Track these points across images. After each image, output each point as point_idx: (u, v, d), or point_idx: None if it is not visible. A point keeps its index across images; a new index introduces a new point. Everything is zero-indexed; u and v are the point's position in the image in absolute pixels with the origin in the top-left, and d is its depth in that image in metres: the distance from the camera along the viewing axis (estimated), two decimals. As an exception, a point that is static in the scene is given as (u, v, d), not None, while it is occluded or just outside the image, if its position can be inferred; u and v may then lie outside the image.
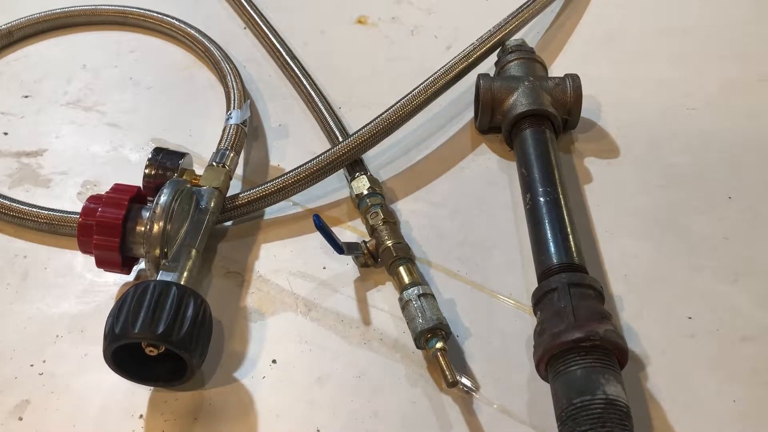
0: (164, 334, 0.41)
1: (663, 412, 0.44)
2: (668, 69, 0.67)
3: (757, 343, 0.46)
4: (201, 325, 0.43)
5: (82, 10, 0.73)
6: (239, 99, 0.61)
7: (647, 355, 0.46)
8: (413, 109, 0.58)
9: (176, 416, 0.45)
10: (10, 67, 0.70)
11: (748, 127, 0.61)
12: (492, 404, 0.44)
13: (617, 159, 0.59)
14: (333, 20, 0.74)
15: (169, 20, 0.71)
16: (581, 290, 0.43)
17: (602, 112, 0.62)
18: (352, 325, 0.49)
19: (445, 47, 0.70)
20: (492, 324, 0.48)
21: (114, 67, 0.70)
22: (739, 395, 0.44)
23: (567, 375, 0.40)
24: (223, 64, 0.66)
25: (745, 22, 0.71)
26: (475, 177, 0.58)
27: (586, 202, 0.55)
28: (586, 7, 0.74)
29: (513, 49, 0.62)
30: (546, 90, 0.57)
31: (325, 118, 0.61)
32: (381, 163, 0.59)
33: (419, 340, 0.45)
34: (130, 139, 0.63)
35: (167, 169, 0.52)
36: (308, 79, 0.65)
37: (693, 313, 0.48)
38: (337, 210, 0.56)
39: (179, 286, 0.44)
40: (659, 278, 0.50)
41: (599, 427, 0.37)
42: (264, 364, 0.47)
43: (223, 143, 0.56)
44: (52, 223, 0.54)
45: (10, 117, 0.65)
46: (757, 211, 0.54)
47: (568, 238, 0.47)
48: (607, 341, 0.40)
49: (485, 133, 0.61)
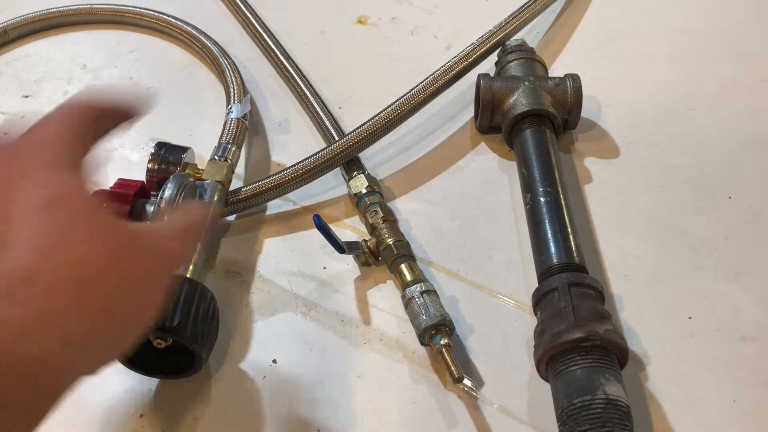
0: (177, 327, 0.41)
1: (663, 412, 0.44)
2: (668, 69, 0.67)
3: (757, 343, 0.46)
4: (211, 320, 0.44)
5: (79, 9, 0.74)
6: (239, 93, 0.61)
7: (647, 355, 0.46)
8: (412, 108, 0.58)
9: (176, 416, 0.45)
10: (9, 67, 0.70)
11: (748, 127, 0.61)
12: (492, 404, 0.44)
13: (617, 159, 0.59)
14: (333, 20, 0.74)
15: (165, 18, 0.71)
16: (581, 290, 0.43)
17: (602, 112, 0.62)
18: (353, 324, 0.49)
19: (445, 47, 0.70)
20: (492, 324, 0.48)
21: (114, 66, 0.70)
22: (739, 395, 0.44)
23: (567, 375, 0.40)
24: (221, 59, 0.66)
25: (745, 22, 0.71)
26: (475, 177, 0.58)
27: (586, 202, 0.55)
28: (586, 7, 0.74)
29: (513, 49, 0.62)
30: (546, 90, 0.57)
31: (321, 118, 0.61)
32: (379, 162, 0.59)
33: (423, 337, 0.45)
34: (130, 139, 0.63)
35: (170, 163, 0.52)
36: (303, 79, 0.65)
37: (693, 313, 0.48)
38: (335, 209, 0.56)
39: (191, 280, 0.44)
40: (659, 278, 0.50)
41: (599, 426, 0.37)
42: (264, 364, 0.47)
43: (224, 137, 0.57)
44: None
45: (10, 117, 0.65)
46: (757, 211, 0.54)
47: (569, 238, 0.47)
48: (607, 341, 0.40)
49: (485, 133, 0.61)
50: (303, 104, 0.64)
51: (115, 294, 0.27)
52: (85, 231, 0.28)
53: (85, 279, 0.26)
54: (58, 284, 0.25)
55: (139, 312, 0.29)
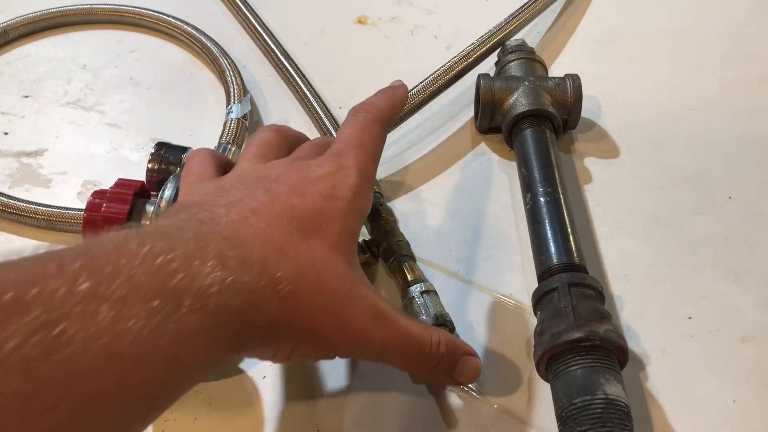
0: None
1: (663, 412, 0.44)
2: (668, 69, 0.67)
3: (757, 343, 0.46)
4: None
5: (79, 9, 0.74)
6: (239, 93, 0.61)
7: (647, 355, 0.46)
8: (412, 108, 0.58)
9: (176, 416, 0.45)
10: (10, 67, 0.70)
11: (748, 127, 0.61)
12: (492, 404, 0.44)
13: (617, 159, 0.59)
14: (333, 20, 0.74)
15: (165, 18, 0.72)
16: (581, 290, 0.43)
17: (602, 112, 0.62)
18: (352, 325, 0.49)
19: (445, 47, 0.70)
20: (492, 324, 0.48)
21: (114, 66, 0.70)
22: (739, 395, 0.44)
23: (567, 375, 0.40)
24: (221, 59, 0.66)
25: (745, 22, 0.71)
26: (475, 177, 0.58)
27: (586, 202, 0.55)
28: (586, 7, 0.74)
29: (513, 49, 0.62)
30: (546, 90, 0.57)
31: (321, 118, 0.61)
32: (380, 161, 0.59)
33: (423, 338, 0.45)
34: (130, 139, 0.63)
35: (170, 163, 0.52)
36: (303, 79, 0.65)
37: (693, 313, 0.48)
38: (336, 210, 0.56)
39: None
40: (659, 278, 0.50)
41: (599, 426, 0.37)
42: (264, 364, 0.47)
43: (224, 137, 0.57)
44: (51, 219, 0.54)
45: (10, 117, 0.65)
46: (757, 211, 0.54)
47: (569, 238, 0.47)
48: (607, 341, 0.40)
49: (485, 133, 0.61)
50: (303, 104, 0.64)
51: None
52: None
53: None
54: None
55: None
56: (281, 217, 0.35)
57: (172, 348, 0.27)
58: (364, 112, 0.43)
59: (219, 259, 0.30)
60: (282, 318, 0.32)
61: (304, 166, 0.39)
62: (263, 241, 0.33)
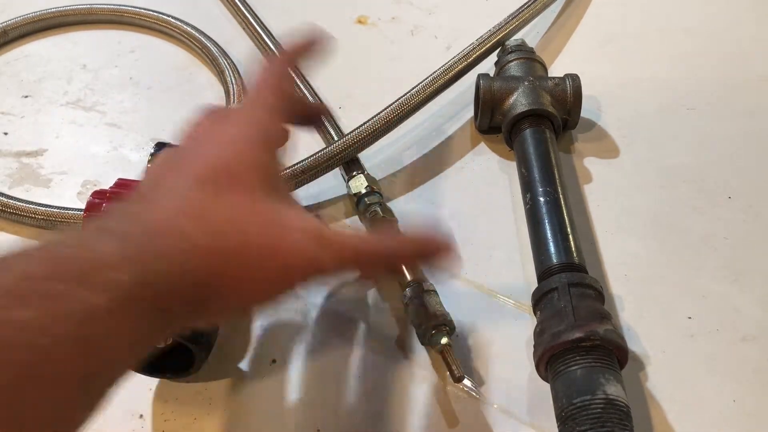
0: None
1: (663, 412, 0.44)
2: (668, 69, 0.67)
3: (757, 343, 0.46)
4: None
5: (79, 9, 0.74)
6: (238, 94, 0.61)
7: (647, 355, 0.46)
8: (412, 108, 0.58)
9: (176, 416, 0.45)
10: (10, 67, 0.70)
11: (748, 127, 0.61)
12: (492, 404, 0.44)
13: (617, 159, 0.59)
14: (333, 20, 0.74)
15: (165, 18, 0.72)
16: (581, 290, 0.43)
17: (602, 112, 0.62)
18: (353, 325, 0.49)
19: (445, 47, 0.70)
20: (492, 324, 0.48)
21: (114, 66, 0.70)
22: (739, 395, 0.44)
23: (567, 375, 0.40)
24: (220, 59, 0.66)
25: (745, 22, 0.71)
26: (474, 177, 0.58)
27: (586, 202, 0.55)
28: (586, 7, 0.74)
29: (513, 49, 0.62)
30: (546, 90, 0.57)
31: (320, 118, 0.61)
32: (379, 162, 0.59)
33: (424, 337, 0.45)
34: (130, 139, 0.63)
35: None
36: (303, 79, 0.65)
37: (693, 313, 0.48)
38: (335, 209, 0.56)
39: None
40: (659, 278, 0.50)
41: (599, 426, 0.37)
42: (264, 364, 0.47)
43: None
44: (51, 219, 0.54)
45: (10, 117, 0.65)
46: (757, 211, 0.54)
47: (568, 238, 0.47)
48: (607, 341, 0.40)
49: (485, 133, 0.61)
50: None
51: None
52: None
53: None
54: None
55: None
56: (191, 188, 0.34)
57: (80, 330, 0.27)
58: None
59: (122, 239, 0.30)
60: (210, 280, 0.31)
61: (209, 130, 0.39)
62: (176, 213, 0.32)
